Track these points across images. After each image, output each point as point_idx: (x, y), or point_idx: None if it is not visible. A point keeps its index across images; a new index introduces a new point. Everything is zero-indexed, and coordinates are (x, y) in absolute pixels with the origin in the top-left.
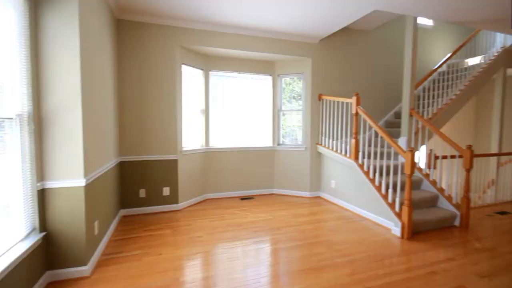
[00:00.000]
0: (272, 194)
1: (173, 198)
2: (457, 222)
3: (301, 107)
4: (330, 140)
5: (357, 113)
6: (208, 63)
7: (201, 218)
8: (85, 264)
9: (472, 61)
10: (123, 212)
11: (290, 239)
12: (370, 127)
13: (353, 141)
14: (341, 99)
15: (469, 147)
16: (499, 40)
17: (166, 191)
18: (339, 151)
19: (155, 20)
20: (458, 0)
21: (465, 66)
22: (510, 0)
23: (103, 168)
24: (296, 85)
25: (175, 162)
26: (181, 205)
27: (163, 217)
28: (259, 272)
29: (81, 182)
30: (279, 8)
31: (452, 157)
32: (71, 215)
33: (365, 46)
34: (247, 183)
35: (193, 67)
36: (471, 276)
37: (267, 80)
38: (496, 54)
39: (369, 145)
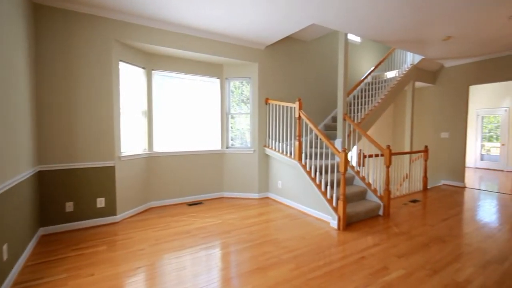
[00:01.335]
0: (222, 197)
1: (110, 210)
2: (381, 212)
3: (249, 111)
4: (277, 143)
5: (299, 117)
6: (151, 62)
7: (143, 229)
8: None
9: (390, 74)
10: (43, 230)
11: (239, 241)
12: (312, 130)
13: (297, 143)
14: (285, 104)
15: (388, 147)
16: (410, 58)
17: (100, 202)
18: (284, 152)
19: (85, 9)
20: (377, 23)
21: (385, 78)
22: (417, 27)
23: (11, 182)
24: (245, 89)
25: (111, 169)
26: (119, 216)
27: (97, 232)
28: (209, 278)
29: None
30: (227, 12)
31: (376, 155)
32: None
33: (306, 55)
34: (195, 188)
35: (133, 65)
36: (392, 257)
37: (215, 82)
38: (407, 69)
39: (311, 147)
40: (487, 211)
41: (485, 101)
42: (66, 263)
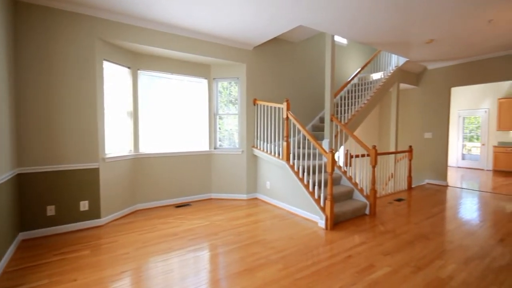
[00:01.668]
0: (210, 199)
1: (94, 213)
2: (367, 211)
3: (238, 111)
4: (265, 143)
5: (287, 118)
6: (136, 61)
7: (129, 232)
8: None
9: (375, 76)
10: (23, 235)
11: (227, 243)
12: (300, 131)
13: (285, 143)
14: (273, 104)
15: (374, 147)
16: (394, 60)
17: (84, 205)
18: (272, 153)
19: (67, 7)
20: (363, 25)
21: (371, 80)
22: (401, 29)
23: None
24: (233, 89)
25: (95, 171)
26: (104, 219)
27: (81, 236)
28: (197, 281)
29: None
30: (215, 13)
31: (363, 155)
32: None
33: (294, 57)
34: (183, 190)
35: (118, 64)
36: (378, 255)
37: (203, 83)
38: (391, 71)
39: (299, 147)
40: (468, 209)
41: (466, 103)
42: (47, 268)
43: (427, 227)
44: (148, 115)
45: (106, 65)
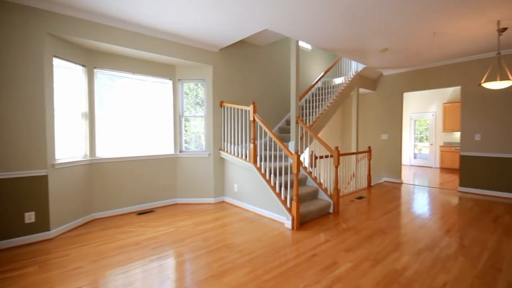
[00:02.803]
0: (176, 204)
1: (42, 225)
2: (331, 210)
3: (204, 113)
4: (232, 146)
5: (254, 120)
6: (92, 59)
7: (83, 244)
8: None
9: (337, 80)
10: None
11: (193, 249)
12: (267, 133)
13: (252, 146)
14: (240, 107)
15: (336, 148)
16: (354, 66)
17: (29, 217)
18: (240, 155)
19: None
20: (324, 32)
21: (333, 84)
22: (359, 38)
23: None
24: (200, 91)
25: (43, 178)
26: (54, 232)
27: (26, 252)
28: None
29: None
30: (178, 12)
31: (327, 156)
32: None
33: (260, 60)
34: (146, 196)
35: (71, 62)
36: (341, 252)
37: (167, 84)
38: (352, 76)
39: (265, 149)
40: (420, 204)
41: (416, 106)
42: None
43: (384, 222)
44: (107, 117)
45: (57, 62)
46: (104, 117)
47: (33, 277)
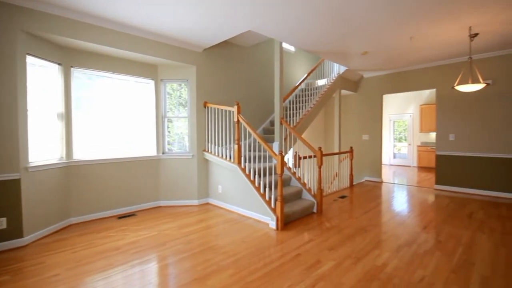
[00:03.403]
0: (158, 207)
1: (14, 231)
2: (315, 209)
3: (188, 114)
4: (216, 147)
5: (238, 121)
6: (69, 57)
7: (60, 250)
8: None
9: (320, 82)
10: None
11: (176, 252)
12: (251, 133)
13: (236, 146)
14: (224, 107)
15: (320, 148)
16: (336, 68)
17: (1, 223)
18: (224, 156)
19: None
20: (307, 35)
21: (316, 85)
22: (341, 41)
23: None
24: (183, 92)
25: (15, 182)
26: (28, 238)
27: None
28: None
29: None
30: (160, 11)
31: (310, 157)
32: None
33: (245, 61)
34: (127, 199)
35: (46, 60)
36: (324, 251)
37: (149, 84)
38: (334, 78)
39: (249, 150)
40: (399, 202)
41: (395, 108)
42: None
43: (366, 221)
44: (86, 118)
45: (31, 60)
46: (82, 118)
47: (5, 287)
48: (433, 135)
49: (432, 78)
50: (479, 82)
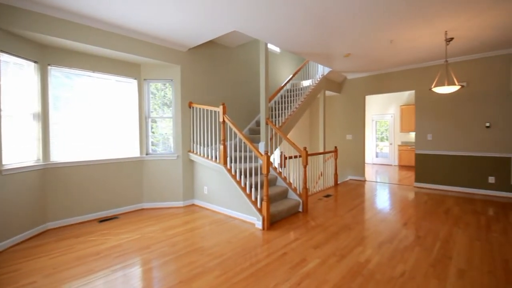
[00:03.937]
0: (142, 209)
1: None
2: (301, 208)
3: (172, 114)
4: (202, 147)
5: (224, 121)
6: (47, 55)
7: (36, 257)
8: None
9: (305, 83)
10: None
11: (161, 255)
12: (237, 134)
13: (222, 147)
14: (210, 108)
15: (305, 148)
16: (321, 69)
17: None
18: (209, 157)
19: None
20: (291, 36)
21: (301, 86)
22: (324, 43)
23: None
24: (168, 91)
25: None
26: (2, 245)
27: None
28: None
29: None
30: (143, 8)
31: (295, 157)
32: None
33: (230, 61)
34: (108, 202)
35: (21, 57)
36: (309, 249)
37: (132, 83)
38: (318, 79)
39: (235, 150)
40: (381, 200)
41: (377, 108)
42: None
43: (350, 219)
44: (64, 118)
45: (4, 58)
46: (60, 118)
47: None
48: (412, 135)
49: (411, 80)
50: (455, 84)
